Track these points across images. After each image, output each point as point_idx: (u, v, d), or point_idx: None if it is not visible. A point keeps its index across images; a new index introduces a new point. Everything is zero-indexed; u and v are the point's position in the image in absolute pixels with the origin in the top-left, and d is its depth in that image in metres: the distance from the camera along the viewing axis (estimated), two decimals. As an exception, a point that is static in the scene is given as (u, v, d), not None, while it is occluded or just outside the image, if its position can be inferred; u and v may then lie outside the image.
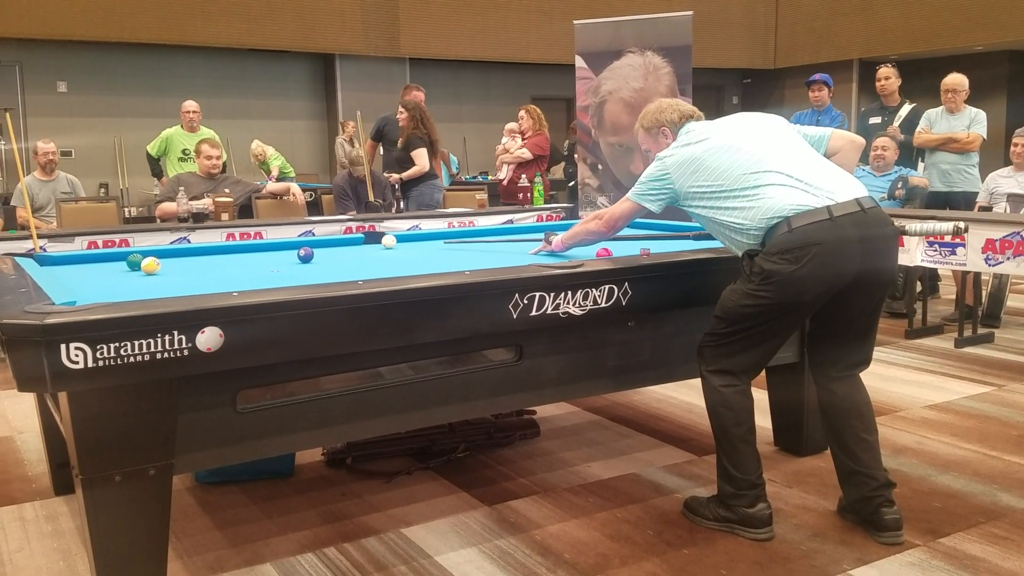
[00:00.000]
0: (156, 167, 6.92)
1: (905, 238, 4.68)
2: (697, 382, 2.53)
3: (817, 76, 6.30)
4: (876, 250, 2.33)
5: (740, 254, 2.42)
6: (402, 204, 5.95)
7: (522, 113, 6.96)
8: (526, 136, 6.87)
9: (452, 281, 2.21)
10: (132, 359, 1.78)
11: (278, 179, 8.48)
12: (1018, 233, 4.19)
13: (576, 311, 2.34)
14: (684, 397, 3.75)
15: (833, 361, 2.46)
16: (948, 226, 2.56)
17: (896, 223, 2.47)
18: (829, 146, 2.58)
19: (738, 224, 2.36)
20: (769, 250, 2.30)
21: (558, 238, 2.86)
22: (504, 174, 6.94)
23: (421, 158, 6.02)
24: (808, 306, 2.34)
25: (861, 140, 2.68)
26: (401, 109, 6.10)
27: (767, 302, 2.30)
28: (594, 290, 2.36)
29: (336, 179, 6.33)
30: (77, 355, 1.73)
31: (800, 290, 2.28)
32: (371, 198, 5.66)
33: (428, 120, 6.14)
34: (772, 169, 2.35)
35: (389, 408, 2.25)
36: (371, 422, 2.26)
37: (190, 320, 1.84)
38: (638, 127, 2.74)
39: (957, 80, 5.69)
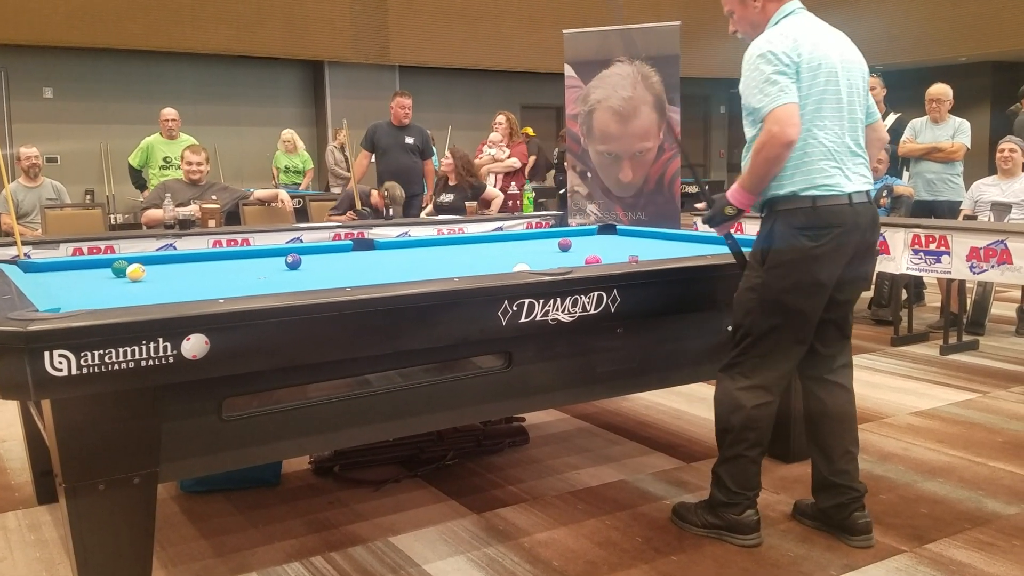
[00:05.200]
0: (139, 178, 6.83)
1: (890, 246, 4.73)
2: (686, 389, 2.54)
3: None
4: (869, 243, 2.37)
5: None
6: (390, 212, 5.95)
7: (501, 118, 6.97)
8: (508, 144, 6.93)
9: (440, 288, 2.20)
10: (116, 366, 1.77)
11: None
12: (1002, 242, 4.23)
13: (565, 318, 2.34)
14: (673, 404, 3.75)
15: (817, 364, 2.46)
16: None
17: None
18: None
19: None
20: (790, 223, 2.27)
21: (734, 189, 2.35)
22: (491, 183, 6.96)
23: (493, 192, 6.40)
24: (823, 289, 2.30)
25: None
26: (448, 155, 6.29)
27: (782, 285, 2.27)
28: (583, 297, 2.36)
29: (349, 188, 6.28)
30: (61, 362, 1.72)
31: (815, 269, 2.26)
32: (358, 206, 5.67)
33: (474, 166, 6.37)
34: (833, 128, 2.28)
35: (377, 416, 2.24)
36: (359, 430, 2.24)
37: (175, 327, 1.82)
38: None
39: (941, 90, 5.76)
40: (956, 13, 11.37)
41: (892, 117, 6.08)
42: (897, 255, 4.65)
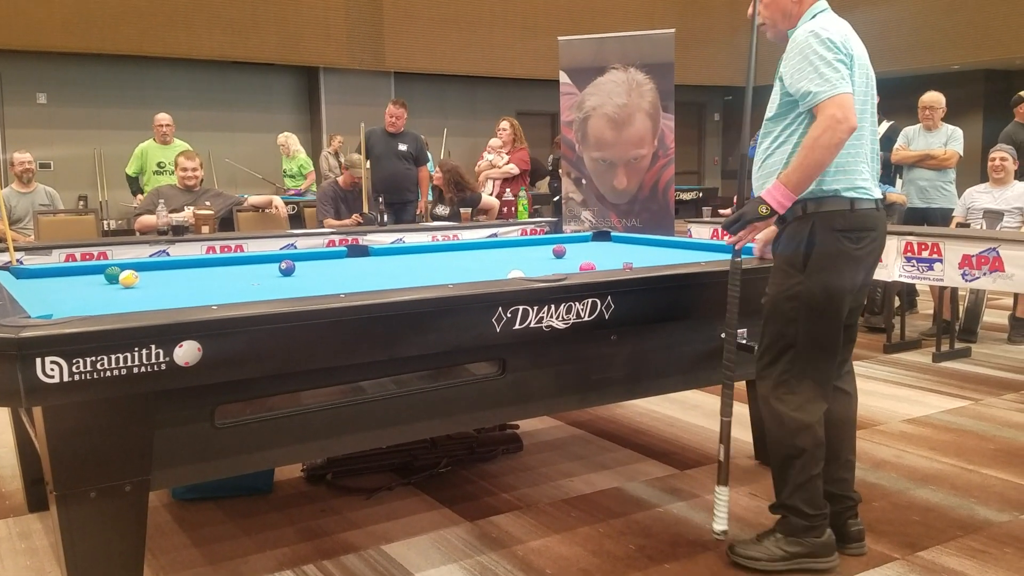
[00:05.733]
0: (137, 186, 6.90)
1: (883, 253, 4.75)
2: (680, 396, 2.54)
3: None
4: (883, 248, 2.38)
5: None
6: (386, 218, 5.96)
7: (505, 124, 7.00)
8: (509, 151, 6.94)
9: (435, 295, 2.20)
10: (109, 373, 1.76)
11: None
12: (994, 249, 4.25)
13: (559, 325, 2.34)
14: (667, 411, 3.75)
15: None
16: None
17: None
18: None
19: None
20: (831, 226, 2.21)
21: (775, 186, 2.18)
22: (488, 189, 6.97)
23: (491, 202, 6.60)
24: (854, 292, 2.28)
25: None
26: (437, 170, 6.46)
27: (826, 289, 2.21)
28: (577, 304, 2.36)
29: (323, 185, 6.39)
30: (53, 369, 1.71)
31: (854, 272, 2.24)
32: (365, 209, 5.71)
33: (465, 178, 6.45)
34: (870, 130, 2.30)
35: (370, 423, 2.24)
36: (352, 437, 2.24)
37: (168, 334, 1.81)
38: None
39: (934, 98, 5.79)
40: (949, 21, 11.44)
41: (885, 124, 6.11)
42: (889, 262, 4.67)
